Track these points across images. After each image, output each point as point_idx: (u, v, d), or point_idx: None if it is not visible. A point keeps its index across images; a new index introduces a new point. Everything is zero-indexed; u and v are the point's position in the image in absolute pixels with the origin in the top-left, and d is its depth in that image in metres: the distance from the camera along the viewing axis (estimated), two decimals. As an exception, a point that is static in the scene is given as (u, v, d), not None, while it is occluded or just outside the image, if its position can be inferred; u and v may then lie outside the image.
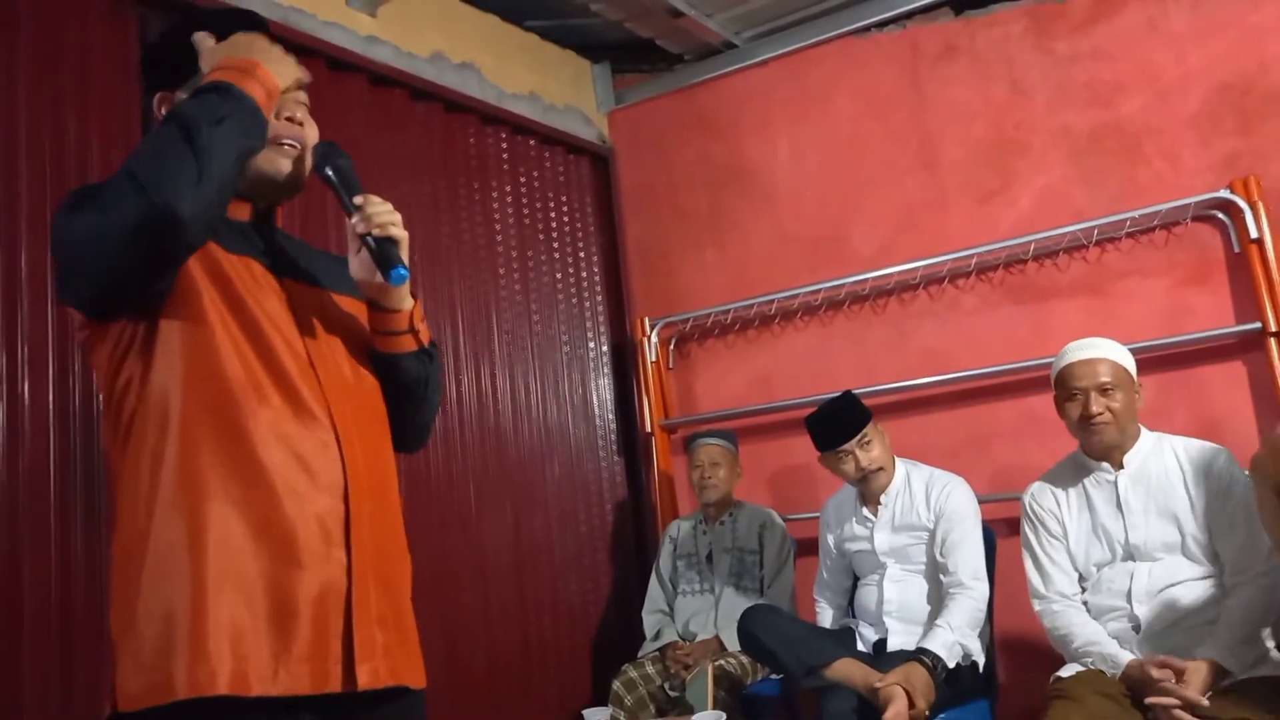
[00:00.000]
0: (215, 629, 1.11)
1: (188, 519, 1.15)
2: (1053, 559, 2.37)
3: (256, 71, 1.22)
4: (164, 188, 1.09)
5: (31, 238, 2.19)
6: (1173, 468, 2.28)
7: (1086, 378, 2.28)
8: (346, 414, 1.27)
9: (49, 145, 2.26)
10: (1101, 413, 2.26)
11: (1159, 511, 2.26)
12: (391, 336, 1.36)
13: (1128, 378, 2.31)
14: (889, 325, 3.45)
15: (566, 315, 3.75)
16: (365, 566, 1.24)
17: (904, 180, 3.47)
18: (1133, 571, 2.26)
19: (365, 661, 1.20)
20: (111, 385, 1.22)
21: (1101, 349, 2.32)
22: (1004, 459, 3.18)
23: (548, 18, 3.74)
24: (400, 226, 1.30)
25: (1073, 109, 3.20)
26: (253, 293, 1.25)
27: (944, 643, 2.40)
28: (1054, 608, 2.33)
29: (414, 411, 1.43)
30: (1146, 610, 2.23)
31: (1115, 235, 3.08)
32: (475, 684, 3.01)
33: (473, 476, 3.18)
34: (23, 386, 2.13)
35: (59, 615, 2.11)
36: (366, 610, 1.22)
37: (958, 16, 3.42)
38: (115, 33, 2.46)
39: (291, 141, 1.32)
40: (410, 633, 1.33)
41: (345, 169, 1.32)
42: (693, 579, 3.24)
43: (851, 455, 2.65)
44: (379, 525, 1.29)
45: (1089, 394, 2.27)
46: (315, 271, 1.38)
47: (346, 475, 1.24)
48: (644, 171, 4.01)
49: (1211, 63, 3.01)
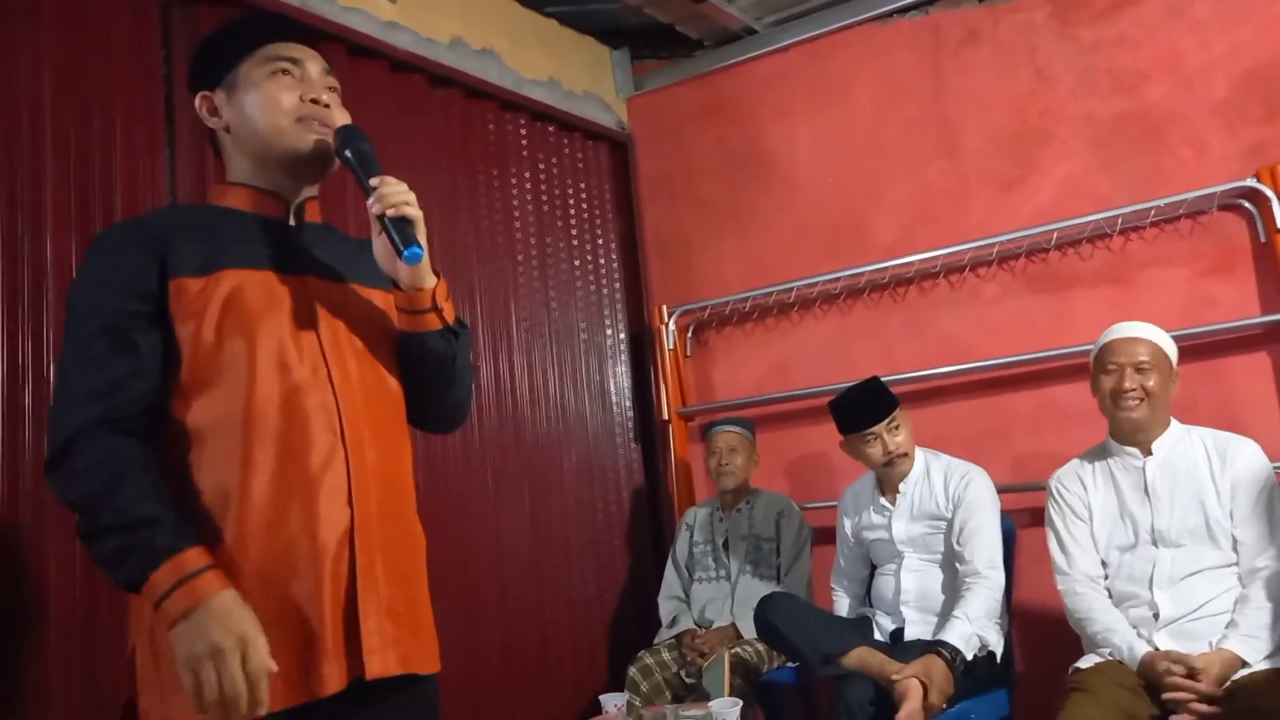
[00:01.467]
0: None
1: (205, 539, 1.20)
2: (1076, 539, 2.38)
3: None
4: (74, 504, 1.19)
5: (57, 230, 2.20)
6: (1200, 457, 2.29)
7: (1125, 354, 2.31)
8: (358, 414, 1.31)
9: (74, 138, 2.27)
10: (1134, 389, 2.27)
11: (1186, 499, 2.26)
12: (416, 315, 1.38)
13: (1166, 363, 2.33)
14: (909, 314, 3.43)
15: (584, 302, 3.75)
16: (371, 561, 1.28)
17: (925, 168, 3.45)
18: (1155, 558, 2.26)
19: (375, 653, 1.25)
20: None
21: (1145, 331, 2.36)
22: (1024, 449, 3.17)
23: (567, 3, 3.73)
24: (415, 206, 1.32)
25: (1096, 96, 3.17)
26: (266, 309, 1.29)
27: (961, 634, 2.40)
28: (1077, 589, 2.34)
29: (446, 389, 1.46)
30: (1167, 597, 2.23)
31: (1139, 224, 3.05)
32: (491, 670, 3.03)
33: (490, 464, 3.19)
34: (47, 373, 2.14)
35: (84, 611, 2.12)
36: (375, 603, 1.27)
37: (981, 3, 3.39)
38: (139, 27, 2.46)
39: (316, 118, 1.36)
40: (425, 621, 1.37)
41: (366, 152, 1.34)
42: (709, 566, 3.25)
43: (879, 439, 2.64)
44: (388, 520, 1.33)
45: (1124, 370, 2.29)
46: (343, 266, 1.41)
47: (351, 480, 1.28)
48: (663, 158, 3.99)
49: (1237, 50, 2.97)
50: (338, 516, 1.26)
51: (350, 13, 2.96)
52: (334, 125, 1.36)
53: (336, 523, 1.26)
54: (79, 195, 2.26)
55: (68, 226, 2.23)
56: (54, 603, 2.09)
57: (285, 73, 1.36)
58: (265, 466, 1.24)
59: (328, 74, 1.41)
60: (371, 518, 1.29)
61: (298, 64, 1.38)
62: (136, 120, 2.40)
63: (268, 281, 1.31)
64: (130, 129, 2.38)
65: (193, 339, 1.25)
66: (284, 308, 1.30)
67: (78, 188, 2.26)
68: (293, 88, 1.36)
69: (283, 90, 1.35)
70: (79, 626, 2.11)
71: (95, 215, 2.28)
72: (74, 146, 2.27)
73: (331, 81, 1.41)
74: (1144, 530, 2.29)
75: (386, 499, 1.33)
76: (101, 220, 2.29)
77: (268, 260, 1.33)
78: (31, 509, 2.09)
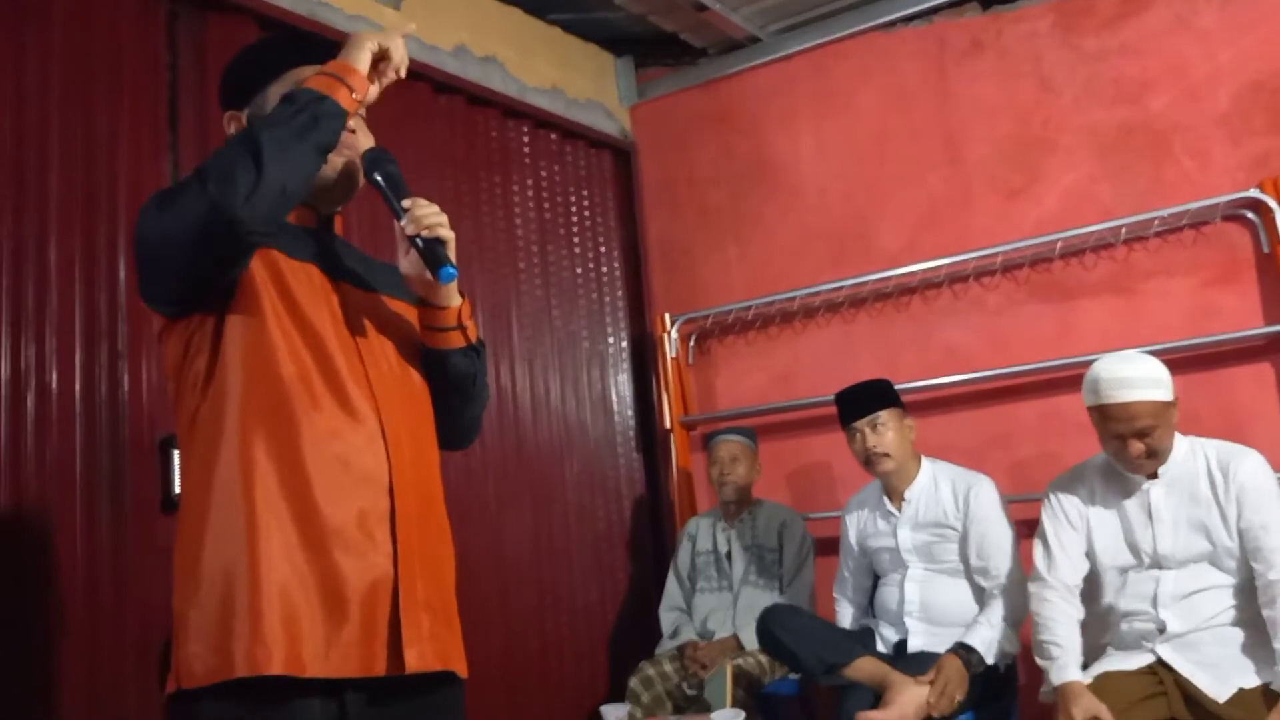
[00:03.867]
0: (270, 615, 1.18)
1: (242, 510, 1.21)
2: (1064, 547, 2.34)
3: (348, 79, 1.28)
4: (224, 189, 1.16)
5: (61, 230, 2.21)
6: (1204, 474, 2.24)
7: (1124, 422, 2.17)
8: (394, 411, 1.33)
9: (80, 141, 2.28)
10: (1140, 453, 2.19)
11: (1189, 522, 2.23)
12: (440, 333, 1.42)
13: (1166, 411, 2.19)
14: (912, 323, 3.43)
15: (587, 310, 3.74)
16: (411, 555, 1.29)
17: (929, 177, 3.44)
18: (1158, 578, 2.24)
19: (413, 645, 1.26)
20: (180, 380, 1.30)
21: (1139, 388, 2.16)
22: (1027, 459, 3.16)
23: (571, 11, 3.73)
24: (447, 227, 1.35)
25: (1100, 106, 3.17)
26: (310, 297, 1.32)
27: (984, 639, 2.40)
28: (1048, 595, 2.31)
29: (464, 406, 1.49)
30: (1172, 614, 2.21)
31: (1143, 234, 3.05)
32: (492, 680, 3.01)
33: (492, 472, 3.18)
34: (51, 376, 2.15)
35: (84, 605, 2.13)
36: (414, 596, 1.28)
37: (985, 12, 3.39)
38: (145, 33, 2.47)
39: (343, 143, 1.37)
40: (455, 621, 1.39)
41: (394, 174, 1.37)
42: (711, 576, 3.24)
43: (860, 434, 2.65)
44: (424, 516, 1.35)
45: (1128, 441, 2.19)
46: (370, 277, 1.45)
47: (392, 469, 1.30)
48: (666, 166, 4.00)
49: (1242, 60, 2.97)
50: (377, 501, 1.27)
51: (356, 20, 2.96)
52: (359, 148, 1.39)
53: (375, 507, 1.27)
54: (83, 198, 2.26)
55: (72, 230, 2.23)
56: (55, 597, 2.08)
57: None
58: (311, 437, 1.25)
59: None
60: (411, 510, 1.31)
61: None
62: (141, 125, 2.41)
63: (310, 273, 1.34)
64: (135, 133, 2.39)
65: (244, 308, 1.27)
66: (323, 299, 1.33)
67: (82, 191, 2.26)
68: None
69: None
70: (80, 620, 2.11)
71: (99, 220, 2.28)
72: (79, 150, 2.27)
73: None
74: (1145, 553, 2.26)
75: (425, 494, 1.36)
76: (105, 224, 2.29)
77: (311, 256, 1.36)
78: (36, 514, 2.08)
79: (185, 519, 1.26)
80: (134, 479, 2.26)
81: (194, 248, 1.19)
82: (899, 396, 2.72)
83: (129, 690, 2.16)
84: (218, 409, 1.25)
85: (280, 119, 1.22)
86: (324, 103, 1.25)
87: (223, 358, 1.26)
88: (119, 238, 2.30)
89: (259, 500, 1.21)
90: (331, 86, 1.26)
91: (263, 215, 1.19)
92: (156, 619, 2.16)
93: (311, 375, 1.27)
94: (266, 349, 1.26)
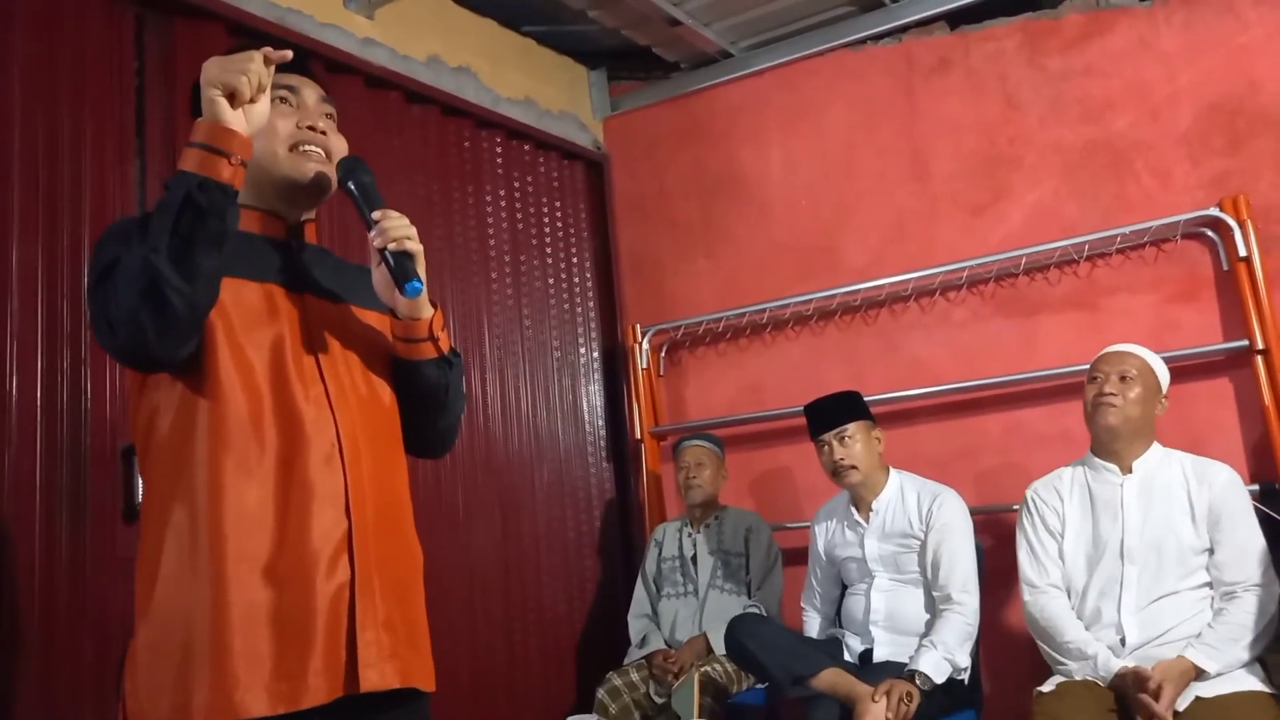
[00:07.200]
0: (229, 661, 1.17)
1: (199, 548, 1.20)
2: (1048, 550, 2.40)
3: (220, 143, 1.19)
4: (133, 335, 1.17)
5: (23, 237, 2.18)
6: (1178, 480, 2.32)
7: (1112, 364, 2.38)
8: (354, 427, 1.32)
9: (43, 145, 2.25)
10: (1114, 394, 2.32)
11: (1158, 518, 2.30)
12: (412, 344, 1.41)
13: (1153, 381, 2.38)
14: (879, 336, 3.46)
15: (558, 320, 3.74)
16: (369, 574, 1.28)
17: (896, 193, 3.48)
18: (1122, 576, 2.29)
19: (371, 666, 1.25)
20: (136, 418, 1.30)
21: (1138, 349, 2.42)
22: (992, 471, 3.20)
23: (545, 23, 3.75)
24: (416, 240, 1.34)
25: (1064, 125, 3.22)
26: (266, 320, 1.30)
27: (931, 661, 2.41)
28: (1044, 599, 2.36)
29: (436, 417, 1.48)
30: (1134, 622, 2.26)
31: (1105, 251, 3.10)
32: (460, 691, 2.99)
33: (461, 481, 3.17)
34: (11, 384, 2.12)
35: (41, 616, 2.09)
36: (373, 615, 1.27)
37: (953, 31, 3.44)
38: (112, 37, 2.45)
39: (314, 147, 1.38)
40: (422, 636, 1.38)
41: (368, 184, 1.36)
42: (676, 581, 3.24)
43: (828, 446, 2.68)
44: (385, 533, 1.33)
45: (1109, 377, 2.35)
46: (340, 288, 1.43)
47: (348, 489, 1.28)
48: (638, 178, 4.01)
49: (1201, 82, 3.04)
50: (334, 524, 1.26)
51: (327, 29, 2.96)
52: (331, 151, 1.40)
53: (332, 531, 1.26)
54: (46, 203, 2.23)
55: (34, 234, 2.20)
56: (9, 607, 2.05)
57: (283, 100, 1.39)
58: (261, 470, 1.24)
59: (325, 101, 1.44)
60: (369, 528, 1.30)
61: (295, 92, 1.40)
62: (107, 129, 2.38)
63: (269, 293, 1.33)
64: (100, 138, 2.36)
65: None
66: (283, 319, 1.32)
67: (45, 196, 2.23)
68: (290, 115, 1.38)
69: (280, 118, 1.36)
70: (35, 631, 2.07)
71: (63, 224, 2.26)
72: (42, 154, 2.24)
73: (329, 109, 1.43)
74: (1113, 544, 2.32)
75: (384, 510, 1.34)
76: (69, 229, 2.26)
77: (270, 274, 1.35)
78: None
79: (143, 552, 1.26)
80: (94, 487, 2.23)
81: (134, 363, 1.24)
82: (868, 408, 2.75)
83: (86, 705, 2.12)
84: (172, 445, 1.24)
85: (163, 225, 1.15)
86: (204, 190, 1.16)
87: (176, 395, 1.25)
88: (83, 244, 2.27)
89: (210, 544, 1.20)
90: (205, 163, 1.17)
91: (182, 335, 1.20)
92: (115, 630, 2.14)
93: (263, 407, 1.25)
94: (218, 385, 1.24)
